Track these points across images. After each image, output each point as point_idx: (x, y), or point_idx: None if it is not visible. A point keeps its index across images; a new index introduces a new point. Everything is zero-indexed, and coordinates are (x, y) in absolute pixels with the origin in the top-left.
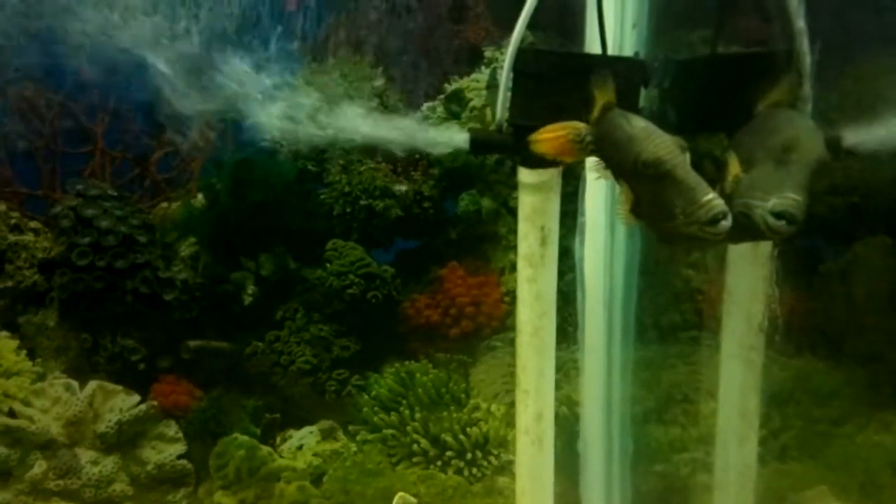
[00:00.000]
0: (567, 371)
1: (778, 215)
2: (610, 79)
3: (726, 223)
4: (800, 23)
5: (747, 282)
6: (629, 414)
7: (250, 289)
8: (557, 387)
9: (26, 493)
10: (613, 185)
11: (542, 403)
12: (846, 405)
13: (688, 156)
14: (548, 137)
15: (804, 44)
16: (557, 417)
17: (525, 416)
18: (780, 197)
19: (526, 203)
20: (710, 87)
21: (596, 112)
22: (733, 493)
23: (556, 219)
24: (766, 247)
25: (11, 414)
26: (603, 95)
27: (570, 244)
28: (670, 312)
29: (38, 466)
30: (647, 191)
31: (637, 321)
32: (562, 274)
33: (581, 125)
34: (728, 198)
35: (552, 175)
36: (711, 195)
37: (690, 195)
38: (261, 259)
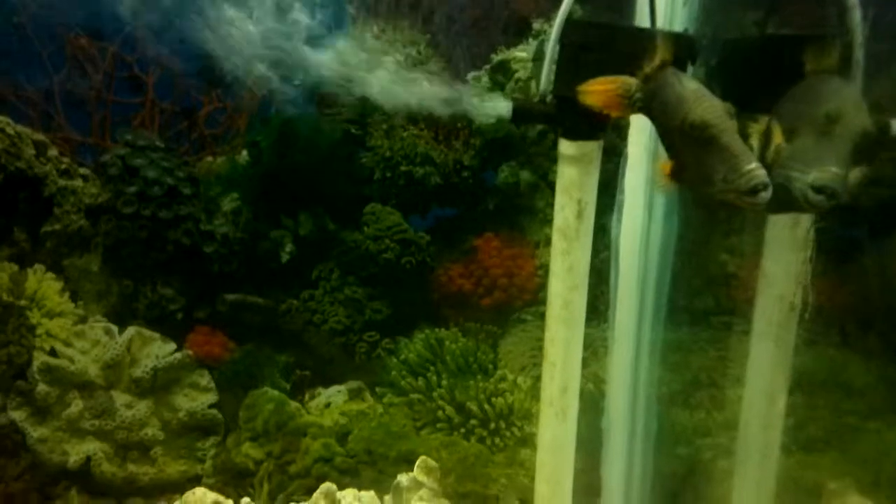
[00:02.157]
0: (596, 349)
1: (818, 189)
2: (673, 37)
3: (766, 194)
4: None
5: (783, 264)
6: (655, 395)
7: (288, 247)
8: (586, 364)
9: (63, 430)
10: (653, 164)
11: (569, 376)
12: (878, 400)
13: (735, 123)
14: (597, 89)
15: (857, 17)
16: (584, 394)
17: (551, 387)
18: (821, 170)
19: (564, 175)
20: (757, 67)
21: (652, 67)
22: (754, 477)
23: (594, 192)
24: (804, 231)
25: (53, 353)
26: (662, 52)
27: (608, 222)
28: (704, 296)
29: (75, 405)
30: (689, 154)
31: (669, 303)
32: (597, 251)
33: (632, 80)
34: (769, 167)
35: (592, 148)
36: (754, 164)
37: (733, 162)
38: (300, 218)
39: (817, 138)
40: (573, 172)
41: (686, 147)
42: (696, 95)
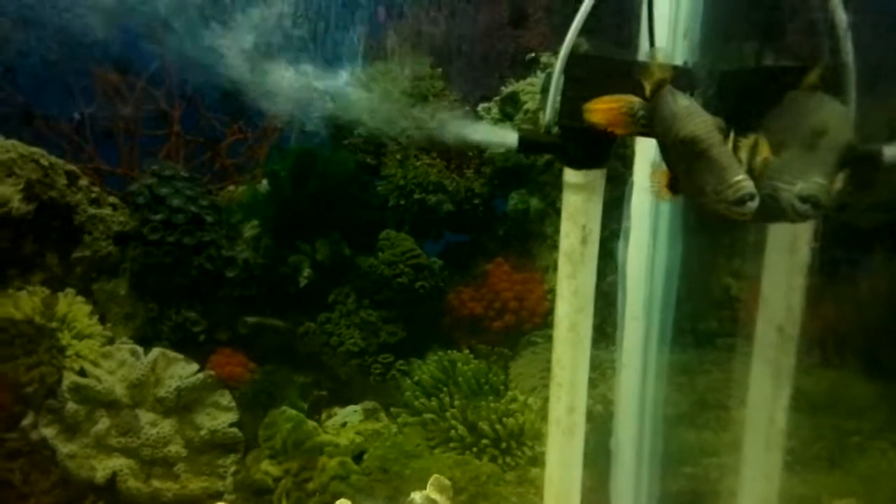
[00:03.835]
0: (604, 370)
1: (804, 199)
2: (669, 58)
3: (753, 204)
4: (843, 20)
5: (781, 289)
6: (662, 416)
7: (306, 272)
8: (594, 385)
9: (90, 447)
10: (651, 176)
11: (575, 396)
12: (881, 419)
13: (723, 138)
14: (602, 108)
15: (848, 43)
16: (592, 415)
17: (558, 407)
18: (807, 181)
19: (569, 202)
20: (752, 97)
21: (650, 87)
22: (758, 496)
23: (598, 219)
24: (802, 256)
25: (82, 373)
26: (660, 72)
27: (615, 247)
28: (708, 319)
29: (103, 423)
30: (683, 167)
31: (675, 326)
32: (605, 276)
33: (636, 99)
34: (758, 179)
35: (596, 176)
36: (741, 176)
37: (722, 174)
38: (317, 244)
39: (803, 151)
40: (578, 200)
41: (680, 160)
42: (688, 112)
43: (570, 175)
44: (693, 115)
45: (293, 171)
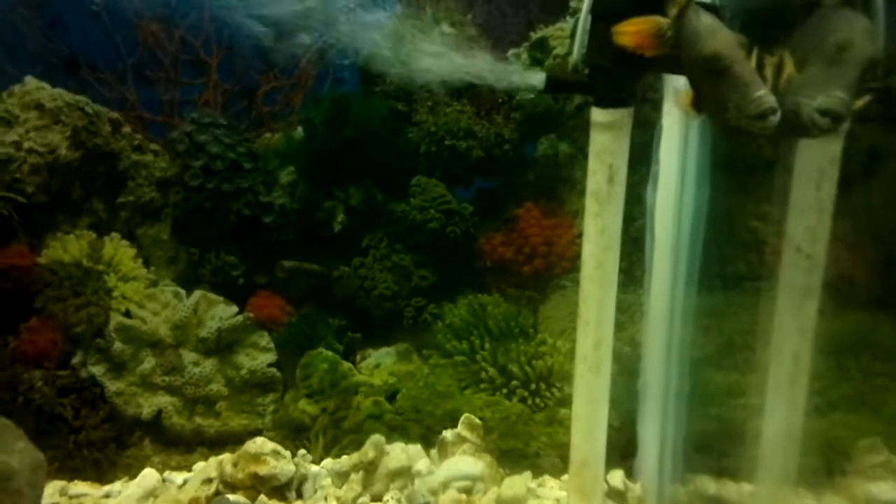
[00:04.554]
0: (632, 313)
1: (823, 112)
2: None
3: (774, 119)
4: None
5: (806, 224)
6: (689, 357)
7: (340, 217)
8: (622, 328)
9: (137, 385)
10: (686, 136)
11: (601, 333)
12: None
13: (745, 54)
14: (630, 29)
15: None
16: (620, 357)
17: (584, 344)
18: (827, 95)
19: (596, 141)
20: (780, 13)
21: (676, 7)
22: (781, 434)
23: (625, 158)
24: (827, 193)
25: (127, 314)
26: None
27: (643, 191)
28: (736, 262)
29: (148, 362)
30: (706, 84)
31: (703, 269)
32: (633, 220)
33: (663, 19)
34: (781, 96)
35: (623, 115)
36: (762, 91)
37: (743, 90)
38: (350, 190)
39: (826, 66)
40: (605, 139)
41: (703, 78)
42: (710, 29)
43: (598, 114)
44: (716, 33)
45: (327, 118)
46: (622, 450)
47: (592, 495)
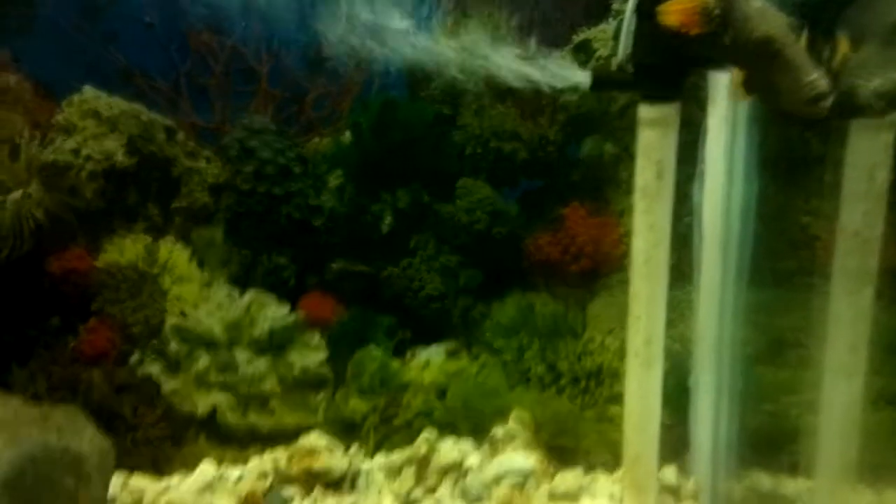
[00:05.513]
0: (682, 310)
1: (881, 95)
2: None
3: (826, 103)
4: None
5: (860, 216)
6: (740, 354)
7: (388, 219)
8: (672, 325)
9: (191, 384)
10: (732, 133)
11: (652, 329)
12: None
13: (803, 36)
14: (676, 8)
15: None
16: (671, 354)
17: (636, 340)
18: (885, 78)
19: (644, 137)
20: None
21: None
22: (839, 429)
23: (673, 154)
24: (880, 184)
25: (182, 315)
26: None
27: (690, 189)
28: (786, 258)
29: (202, 361)
30: (757, 68)
31: (752, 265)
32: (680, 217)
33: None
34: (836, 76)
35: (670, 111)
36: (815, 75)
37: (795, 74)
38: (398, 193)
39: (882, 47)
40: (653, 135)
41: (754, 61)
42: (760, 13)
43: (645, 110)
44: (766, 15)
45: (375, 122)
46: (674, 446)
47: (647, 490)
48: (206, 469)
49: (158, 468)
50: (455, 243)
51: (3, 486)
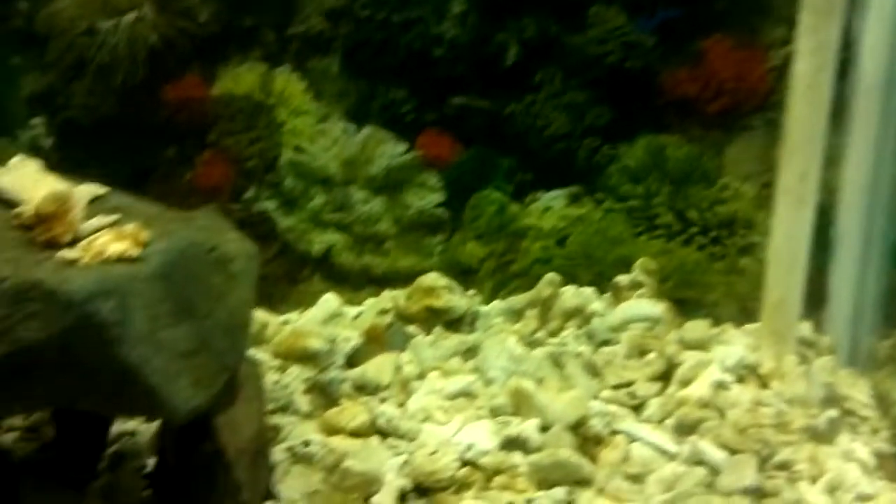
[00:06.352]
0: (829, 155)
1: None
2: None
3: None
4: None
5: None
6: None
7: (512, 50)
8: None
9: (307, 221)
10: None
11: (809, 163)
12: None
13: None
14: None
15: None
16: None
17: (789, 175)
18: None
19: None
20: None
21: None
22: None
23: None
24: None
25: (298, 149)
26: None
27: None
28: None
29: (318, 199)
30: None
31: None
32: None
33: None
34: None
35: None
36: None
37: None
38: (524, 21)
39: None
40: None
41: None
42: None
43: None
44: None
45: None
46: (812, 300)
47: (786, 338)
48: (330, 301)
49: (273, 306)
50: (584, 78)
51: (158, 276)
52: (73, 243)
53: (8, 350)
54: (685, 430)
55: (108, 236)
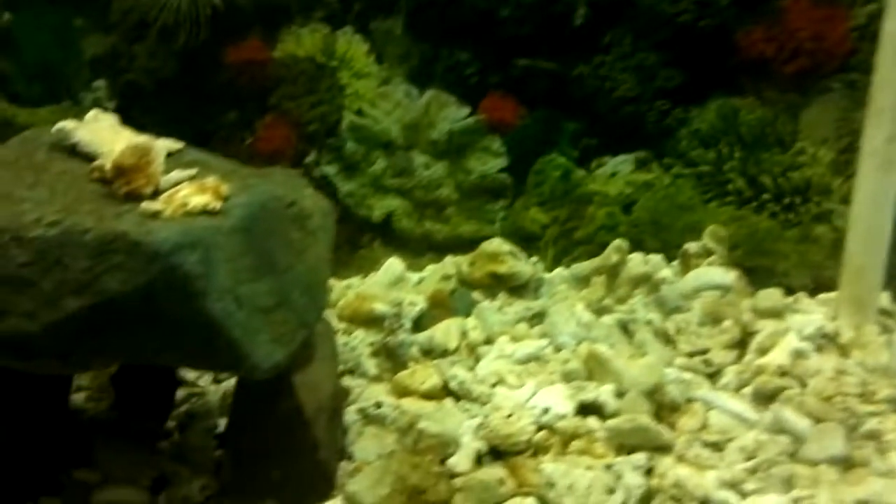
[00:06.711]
0: None
1: None
2: None
3: None
4: None
5: None
6: None
7: (581, 10)
8: None
9: (367, 186)
10: None
11: None
12: None
13: None
14: None
15: None
16: None
17: (874, 137)
18: None
19: None
20: None
21: None
22: None
23: None
24: None
25: (360, 113)
26: None
27: None
28: None
29: (379, 163)
30: None
31: None
32: None
33: None
34: None
35: None
36: None
37: None
38: None
39: None
40: None
41: None
42: None
43: None
44: None
45: None
46: (891, 270)
47: (867, 306)
48: (394, 265)
49: (334, 270)
50: (654, 38)
51: (240, 229)
52: (154, 196)
53: (91, 302)
54: (764, 398)
55: (190, 189)
